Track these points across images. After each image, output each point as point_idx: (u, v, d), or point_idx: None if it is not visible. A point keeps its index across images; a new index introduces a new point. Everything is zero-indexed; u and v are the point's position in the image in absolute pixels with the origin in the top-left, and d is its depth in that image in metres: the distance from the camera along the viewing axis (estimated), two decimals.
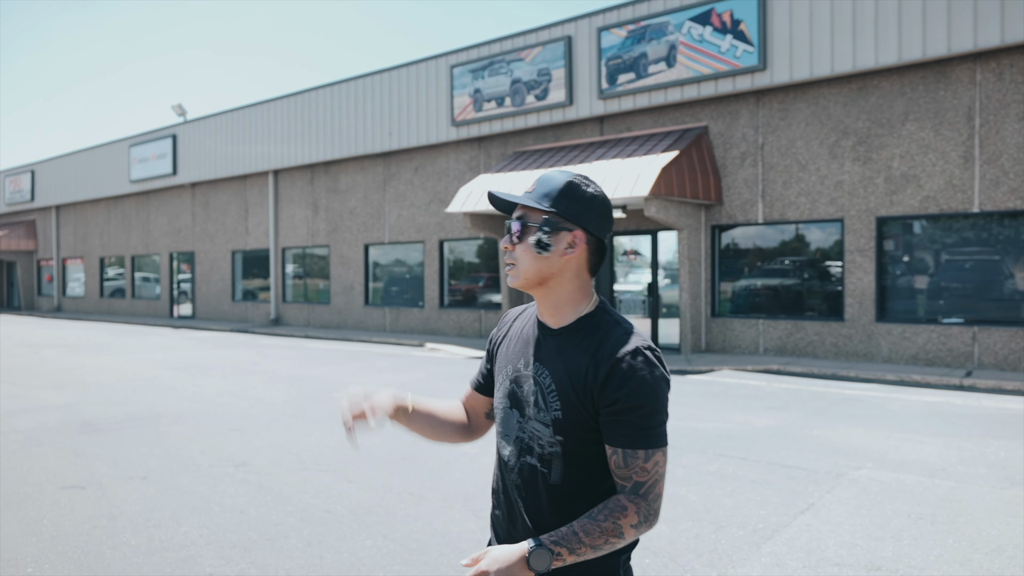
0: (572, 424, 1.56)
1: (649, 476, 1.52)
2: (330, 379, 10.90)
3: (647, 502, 1.52)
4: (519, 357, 1.69)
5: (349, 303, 19.40)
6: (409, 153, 17.94)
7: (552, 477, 1.60)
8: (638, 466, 1.52)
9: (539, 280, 1.63)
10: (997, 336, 10.48)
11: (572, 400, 1.56)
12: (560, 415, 1.57)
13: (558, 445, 1.58)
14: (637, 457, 1.52)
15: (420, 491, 5.34)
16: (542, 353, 1.64)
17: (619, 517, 1.50)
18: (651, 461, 1.52)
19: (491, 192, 1.70)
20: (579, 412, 1.56)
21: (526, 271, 1.62)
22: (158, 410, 8.48)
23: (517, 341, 1.73)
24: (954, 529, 4.49)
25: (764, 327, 12.58)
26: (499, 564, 1.48)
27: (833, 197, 11.87)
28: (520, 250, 1.63)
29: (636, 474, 1.52)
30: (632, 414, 1.51)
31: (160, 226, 25.79)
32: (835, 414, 8.02)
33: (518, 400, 1.66)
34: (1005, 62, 10.40)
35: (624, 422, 1.52)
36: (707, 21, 12.59)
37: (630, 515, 1.51)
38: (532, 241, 1.61)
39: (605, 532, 1.49)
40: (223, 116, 22.72)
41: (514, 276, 1.65)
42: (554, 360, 1.61)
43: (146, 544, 4.35)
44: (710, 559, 4.10)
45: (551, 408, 1.59)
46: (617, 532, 1.50)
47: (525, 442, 1.64)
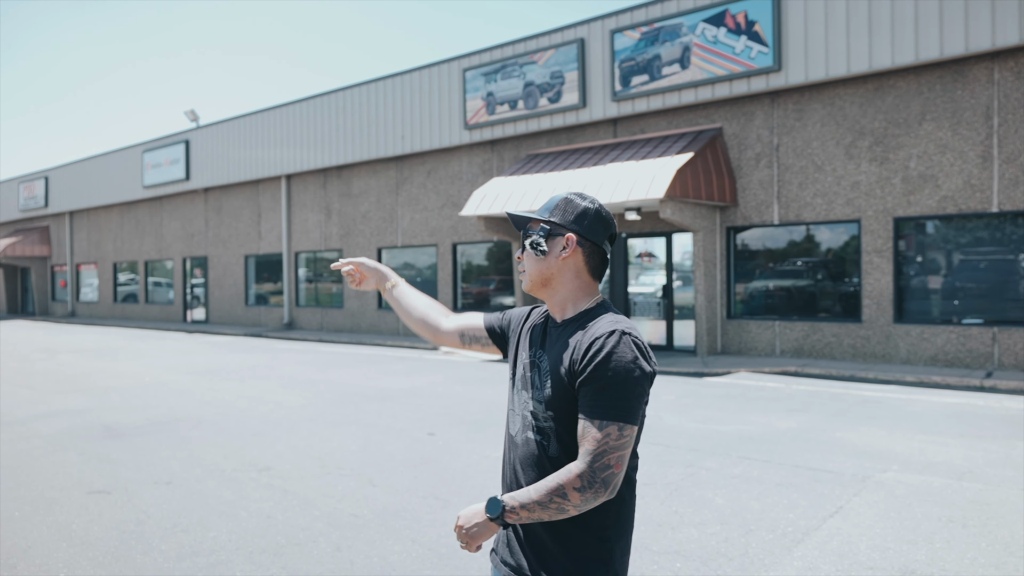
0: (560, 400, 1.73)
1: (598, 445, 1.62)
2: (347, 383, 10.92)
3: (591, 469, 1.61)
4: (532, 347, 1.89)
5: (362, 307, 19.44)
6: (422, 157, 17.97)
7: (550, 450, 1.76)
8: (591, 435, 1.63)
9: (542, 281, 1.86)
10: (1017, 337, 10.40)
11: (560, 379, 1.73)
12: (550, 392, 1.75)
13: (551, 420, 1.75)
14: (592, 426, 1.64)
15: (444, 495, 5.33)
16: (546, 343, 1.86)
17: (563, 478, 1.63)
18: (603, 432, 1.62)
19: (509, 212, 1.95)
20: (564, 389, 1.72)
21: (531, 273, 1.87)
22: (178, 415, 8.51)
23: (534, 333, 1.93)
24: (986, 532, 4.45)
25: (780, 328, 12.53)
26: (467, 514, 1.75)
27: (850, 198, 11.81)
28: (527, 256, 1.89)
29: (587, 442, 1.63)
30: (591, 385, 1.66)
31: (173, 231, 25.92)
32: (856, 416, 7.97)
33: (527, 382, 1.85)
34: (1023, 61, 10.33)
35: (586, 391, 1.67)
36: (721, 22, 12.56)
37: (573, 478, 1.62)
38: (528, 243, 1.88)
39: (550, 491, 1.63)
40: (236, 121, 22.82)
41: (524, 280, 1.91)
42: (553, 347, 1.81)
43: (176, 549, 4.35)
44: (741, 563, 4.08)
45: (544, 387, 1.77)
46: (560, 492, 1.62)
47: (528, 419, 1.82)
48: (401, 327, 18.40)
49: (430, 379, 11.26)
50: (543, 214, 1.88)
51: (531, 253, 1.87)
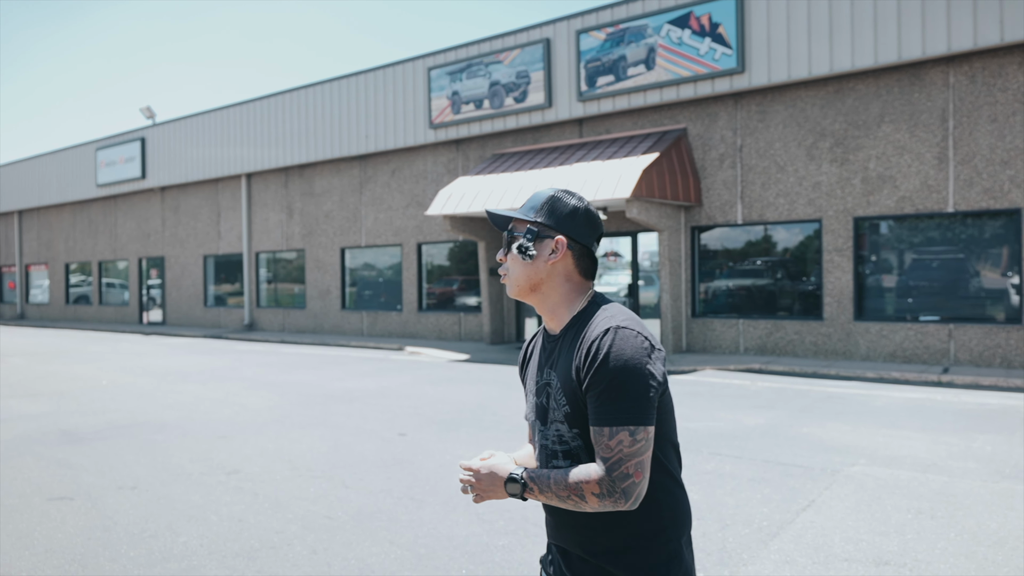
0: (579, 415, 1.64)
1: (612, 453, 1.54)
2: (313, 384, 10.77)
3: (610, 478, 1.54)
4: (536, 371, 1.81)
5: (325, 307, 19.20)
6: (386, 156, 17.82)
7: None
8: (603, 443, 1.56)
9: (530, 287, 1.75)
10: (972, 333, 10.70)
11: (574, 392, 1.64)
12: (569, 409, 1.65)
13: (579, 438, 1.66)
14: (602, 434, 1.56)
15: (420, 495, 5.28)
16: (550, 359, 1.75)
17: (584, 480, 1.56)
18: (614, 439, 1.54)
19: (488, 210, 1.80)
20: (581, 402, 1.63)
21: (516, 278, 1.75)
22: (139, 418, 8.30)
23: (536, 356, 1.84)
24: (954, 523, 4.55)
25: (744, 327, 12.70)
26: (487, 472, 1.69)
27: (811, 198, 12.03)
28: (510, 259, 1.76)
29: (602, 451, 1.56)
30: (594, 390, 1.58)
31: (128, 231, 25.30)
32: (822, 412, 8.12)
33: (540, 410, 1.76)
34: (977, 65, 10.63)
35: (591, 397, 1.59)
36: (686, 24, 12.69)
37: (592, 484, 1.55)
38: (516, 248, 1.74)
39: (569, 489, 1.58)
40: (194, 119, 22.37)
41: (508, 285, 1.78)
42: (558, 361, 1.71)
43: (145, 556, 4.23)
44: (720, 557, 4.11)
45: (561, 405, 1.67)
46: (579, 493, 1.57)
47: (549, 448, 1.72)
48: (365, 327, 18.23)
49: (398, 380, 11.17)
50: (528, 213, 1.76)
51: (516, 256, 1.74)
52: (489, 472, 1.69)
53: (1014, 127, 10.37)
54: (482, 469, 1.70)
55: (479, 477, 1.70)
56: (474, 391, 9.90)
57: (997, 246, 10.78)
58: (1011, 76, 10.40)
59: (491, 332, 15.39)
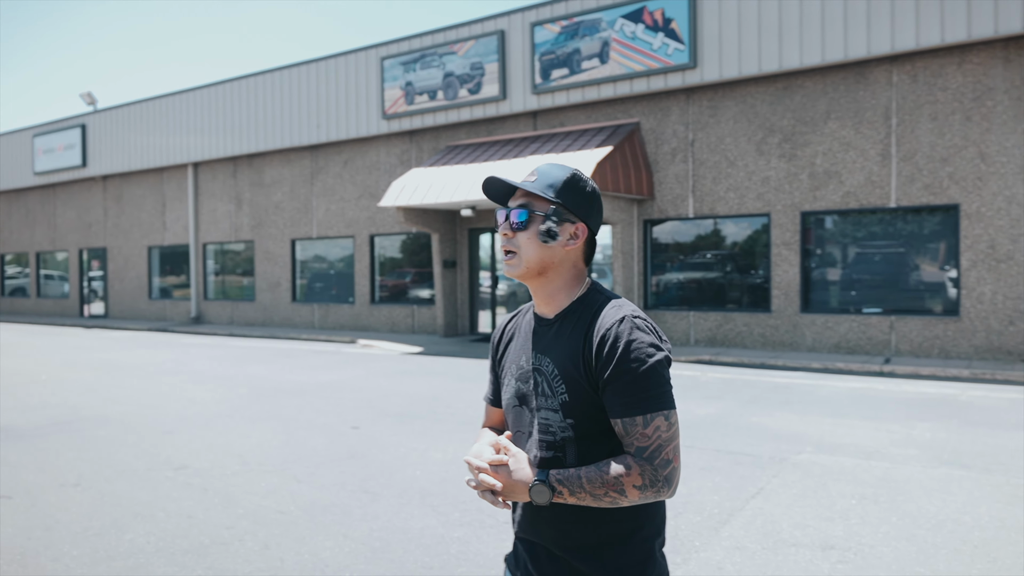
0: (581, 404, 1.59)
1: (650, 441, 1.52)
2: (263, 377, 10.58)
3: (652, 466, 1.51)
4: (520, 355, 1.73)
5: (275, 300, 18.89)
6: (338, 146, 17.57)
7: (568, 461, 1.61)
8: (638, 432, 1.53)
9: (540, 270, 1.66)
10: (913, 324, 11.06)
11: (577, 381, 1.59)
12: (567, 398, 1.60)
13: (570, 429, 1.60)
14: (636, 424, 1.53)
15: (374, 488, 5.24)
16: (541, 344, 1.68)
17: (623, 474, 1.51)
18: (651, 427, 1.52)
19: (493, 176, 1.69)
20: (585, 392, 1.58)
21: (528, 260, 1.64)
22: (82, 413, 8.05)
23: (518, 340, 1.76)
24: (896, 507, 4.70)
25: (695, 319, 12.91)
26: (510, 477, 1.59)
27: (760, 192, 12.26)
28: (523, 238, 1.64)
29: (637, 440, 1.53)
30: (623, 380, 1.53)
31: (68, 221, 24.48)
32: (770, 401, 8.30)
33: (525, 396, 1.69)
34: (919, 65, 10.96)
35: (616, 389, 1.54)
36: (639, 19, 12.79)
37: (633, 475, 1.51)
38: (541, 230, 1.63)
39: (607, 485, 1.51)
40: (139, 105, 21.72)
41: (513, 265, 1.66)
42: (553, 347, 1.65)
43: (90, 554, 4.11)
44: (672, 545, 4.17)
45: (557, 393, 1.61)
46: (619, 488, 1.51)
47: (535, 436, 1.67)
48: (317, 320, 17.99)
49: (350, 373, 11.05)
50: (546, 191, 1.64)
51: (533, 237, 1.63)
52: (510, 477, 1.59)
53: (953, 126, 10.73)
54: (503, 472, 1.59)
55: (501, 480, 1.59)
56: (428, 384, 9.86)
57: (936, 241, 11.15)
58: (950, 76, 10.75)
59: (445, 325, 15.34)
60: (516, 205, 1.67)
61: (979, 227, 10.57)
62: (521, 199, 1.67)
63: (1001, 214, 10.42)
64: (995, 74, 10.45)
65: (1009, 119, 10.35)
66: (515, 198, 1.69)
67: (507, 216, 1.67)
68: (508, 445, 1.63)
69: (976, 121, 10.57)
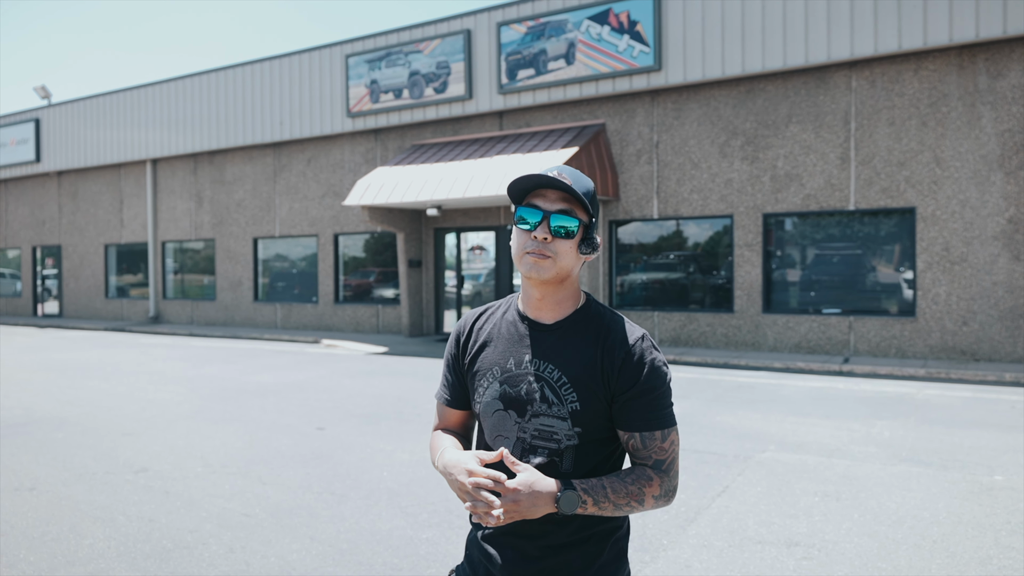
0: (590, 414, 1.61)
1: (667, 454, 1.63)
2: (225, 378, 10.41)
3: (668, 477, 1.63)
4: (506, 357, 1.68)
5: (237, 299, 18.59)
6: (302, 144, 17.37)
7: (563, 467, 1.62)
8: (656, 446, 1.61)
9: (565, 277, 1.65)
10: (870, 325, 11.30)
11: (591, 390, 1.60)
12: (579, 406, 1.60)
13: (576, 437, 1.61)
14: (655, 438, 1.61)
15: (341, 490, 5.19)
16: (540, 349, 1.65)
17: (645, 485, 1.59)
18: (668, 440, 1.62)
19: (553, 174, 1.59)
20: (597, 401, 1.61)
21: (563, 267, 1.62)
22: (37, 415, 7.83)
23: (499, 343, 1.71)
24: (857, 504, 4.80)
25: (659, 319, 13.03)
26: (531, 490, 1.51)
27: (723, 194, 12.42)
28: (564, 245, 1.61)
29: (656, 453, 1.62)
30: (647, 397, 1.61)
31: (20, 217, 23.81)
32: (733, 400, 8.41)
33: (513, 400, 1.65)
34: (877, 71, 11.21)
35: (638, 406, 1.60)
36: (605, 20, 12.87)
37: (654, 487, 1.60)
38: (584, 241, 1.63)
39: (630, 495, 1.57)
40: (94, 100, 21.20)
41: (546, 268, 1.60)
42: (558, 354, 1.64)
43: (47, 560, 4.00)
44: (640, 543, 4.20)
45: (567, 401, 1.61)
46: (640, 498, 1.59)
47: (528, 442, 1.64)
48: (279, 320, 17.76)
49: (314, 373, 10.93)
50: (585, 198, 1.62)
51: (575, 246, 1.62)
52: (531, 491, 1.50)
53: (909, 130, 10.99)
54: (520, 488, 1.50)
55: (518, 497, 1.49)
56: (393, 384, 9.80)
57: (893, 243, 11.41)
58: (907, 82, 11.01)
59: (410, 324, 15.26)
60: (559, 209, 1.61)
61: (934, 230, 10.84)
62: (562, 203, 1.62)
63: (955, 217, 10.70)
64: (950, 81, 10.73)
65: (963, 125, 10.64)
66: (551, 199, 1.62)
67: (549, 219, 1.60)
68: (515, 461, 1.55)
69: (931, 126, 10.84)
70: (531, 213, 1.61)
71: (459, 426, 1.83)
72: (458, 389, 1.79)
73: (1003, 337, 10.42)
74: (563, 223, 1.60)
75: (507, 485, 1.49)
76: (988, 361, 10.49)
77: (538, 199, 1.63)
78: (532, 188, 1.64)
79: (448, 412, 1.82)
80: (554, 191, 1.63)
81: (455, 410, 1.81)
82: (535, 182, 1.62)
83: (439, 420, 1.84)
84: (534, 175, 1.61)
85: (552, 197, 1.63)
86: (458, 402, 1.79)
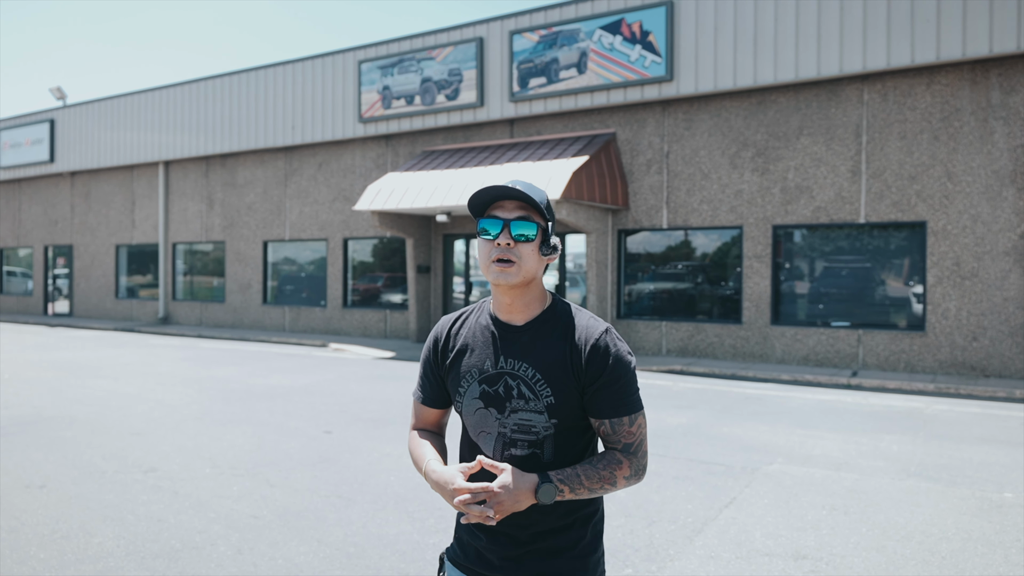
0: (565, 406, 1.73)
1: (635, 437, 1.75)
2: (233, 380, 10.45)
3: (637, 458, 1.75)
4: (483, 359, 1.80)
5: (246, 302, 18.67)
6: (313, 148, 17.46)
7: (545, 456, 1.75)
8: (624, 431, 1.74)
9: (530, 280, 1.76)
10: (880, 339, 11.26)
11: (564, 384, 1.72)
12: (553, 400, 1.72)
13: (553, 428, 1.74)
14: (623, 423, 1.74)
15: (348, 494, 5.20)
16: (512, 349, 1.77)
17: (615, 468, 1.73)
18: (635, 424, 1.75)
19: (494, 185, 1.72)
20: (570, 394, 1.73)
21: (528, 270, 1.73)
22: (47, 414, 7.88)
23: (476, 345, 1.82)
24: (866, 518, 4.79)
25: (667, 329, 13.01)
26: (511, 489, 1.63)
27: (733, 205, 12.42)
28: (526, 249, 1.73)
29: (624, 437, 1.74)
30: (613, 386, 1.73)
31: (34, 217, 23.98)
32: (740, 412, 8.39)
33: (493, 398, 1.77)
34: (890, 84, 11.20)
35: (606, 394, 1.72)
36: (617, 30, 12.91)
37: (624, 468, 1.73)
38: (545, 244, 1.76)
39: (603, 479, 1.70)
40: (109, 101, 21.37)
41: (511, 273, 1.71)
42: (530, 353, 1.76)
43: (57, 557, 4.03)
44: (647, 553, 4.20)
45: (542, 396, 1.73)
46: (612, 480, 1.72)
47: (508, 436, 1.76)
48: (288, 323, 17.82)
49: (322, 376, 10.96)
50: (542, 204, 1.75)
51: (534, 248, 1.73)
52: (512, 490, 1.63)
53: (921, 144, 10.98)
54: (499, 489, 1.62)
55: (499, 498, 1.62)
56: (400, 388, 9.81)
57: (903, 257, 11.38)
58: (919, 96, 11.00)
59: (417, 330, 15.28)
60: (517, 217, 1.72)
61: (945, 244, 10.81)
62: (519, 211, 1.73)
63: (966, 232, 10.67)
64: (962, 95, 10.72)
65: (975, 139, 10.62)
66: (509, 209, 1.74)
67: (509, 227, 1.72)
68: (494, 463, 1.66)
69: (943, 141, 10.83)
70: (492, 224, 1.74)
71: (434, 424, 1.95)
72: (435, 389, 1.91)
73: (1014, 353, 10.37)
74: (522, 230, 1.71)
75: (491, 490, 1.62)
76: (998, 377, 10.43)
77: (497, 211, 1.74)
78: (491, 201, 1.75)
79: (424, 411, 1.94)
80: (511, 201, 1.74)
81: (431, 408, 1.93)
82: (493, 194, 1.73)
83: (415, 419, 1.96)
84: (490, 187, 1.73)
85: (510, 207, 1.74)
86: (434, 401, 1.92)
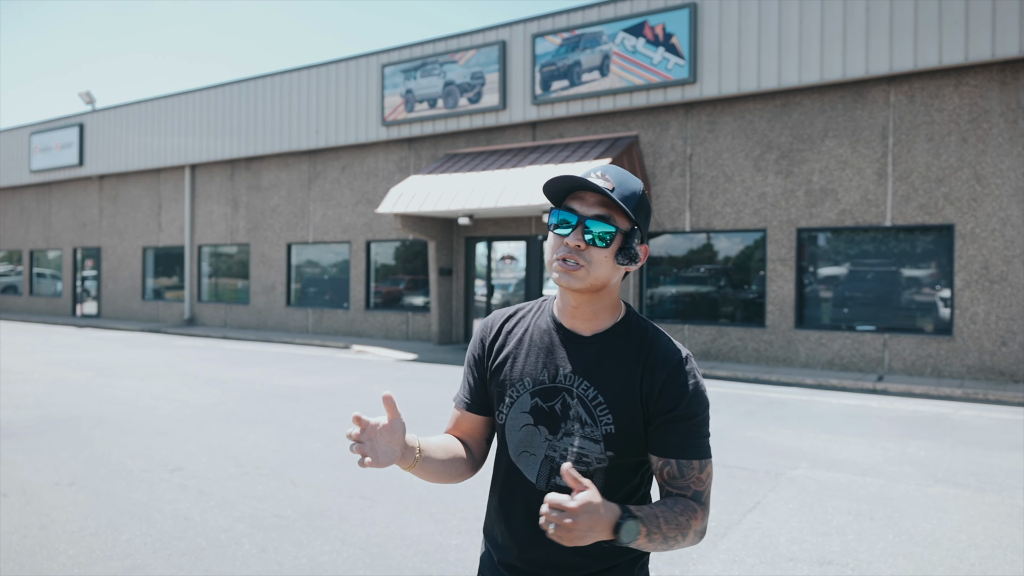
0: (624, 437, 1.51)
1: (704, 486, 1.50)
2: (257, 381, 10.55)
3: (706, 512, 1.50)
4: (540, 368, 1.57)
5: (270, 303, 18.84)
6: (336, 152, 17.59)
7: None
8: (695, 476, 1.49)
9: (601, 287, 1.52)
10: (906, 343, 11.12)
11: (626, 412, 1.50)
12: (613, 429, 1.50)
13: (607, 460, 1.52)
14: (692, 468, 1.49)
15: (371, 494, 5.23)
16: (577, 363, 1.54)
17: (691, 517, 1.46)
18: (704, 472, 1.51)
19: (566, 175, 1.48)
20: (632, 424, 1.50)
21: (597, 277, 1.49)
22: (75, 413, 8.01)
23: (532, 350, 1.59)
24: (892, 524, 4.73)
25: (689, 332, 12.94)
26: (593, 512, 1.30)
27: (757, 208, 12.33)
28: (599, 254, 1.48)
29: (694, 483, 1.49)
30: (688, 422, 1.50)
31: (63, 219, 24.39)
32: (764, 416, 8.33)
33: (546, 416, 1.54)
34: (916, 86, 11.07)
35: (677, 430, 1.49)
36: (640, 33, 12.88)
37: (698, 519, 1.47)
38: (621, 251, 1.50)
39: (679, 527, 1.43)
40: (136, 106, 21.70)
41: (578, 278, 1.48)
42: (596, 371, 1.53)
43: (86, 554, 4.09)
44: (670, 557, 4.18)
45: (601, 423, 1.50)
46: (685, 532, 1.45)
47: (556, 462, 1.54)
48: (311, 324, 17.96)
49: (345, 378, 11.03)
50: (628, 203, 1.48)
51: (611, 255, 1.49)
52: (593, 513, 1.30)
53: (949, 146, 10.83)
54: (579, 509, 1.28)
55: (576, 517, 1.28)
56: (422, 391, 9.85)
57: (930, 260, 11.23)
58: (947, 98, 10.86)
59: (439, 332, 15.33)
60: (595, 215, 1.48)
61: (973, 248, 10.65)
62: (600, 208, 1.48)
63: (995, 235, 10.51)
64: (991, 96, 10.57)
65: (1004, 141, 10.46)
66: (589, 203, 1.49)
67: (584, 225, 1.48)
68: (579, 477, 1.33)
69: (972, 143, 10.67)
70: (566, 217, 1.50)
71: (473, 433, 1.70)
72: (481, 393, 1.66)
73: None
74: (598, 230, 1.47)
75: (569, 505, 1.28)
76: None
77: (576, 202, 1.50)
78: (570, 190, 1.51)
79: (465, 417, 1.69)
80: (593, 194, 1.49)
81: (474, 415, 1.68)
82: (571, 184, 1.49)
83: (451, 425, 1.72)
84: (569, 177, 1.48)
85: (590, 201, 1.49)
86: (479, 407, 1.67)
